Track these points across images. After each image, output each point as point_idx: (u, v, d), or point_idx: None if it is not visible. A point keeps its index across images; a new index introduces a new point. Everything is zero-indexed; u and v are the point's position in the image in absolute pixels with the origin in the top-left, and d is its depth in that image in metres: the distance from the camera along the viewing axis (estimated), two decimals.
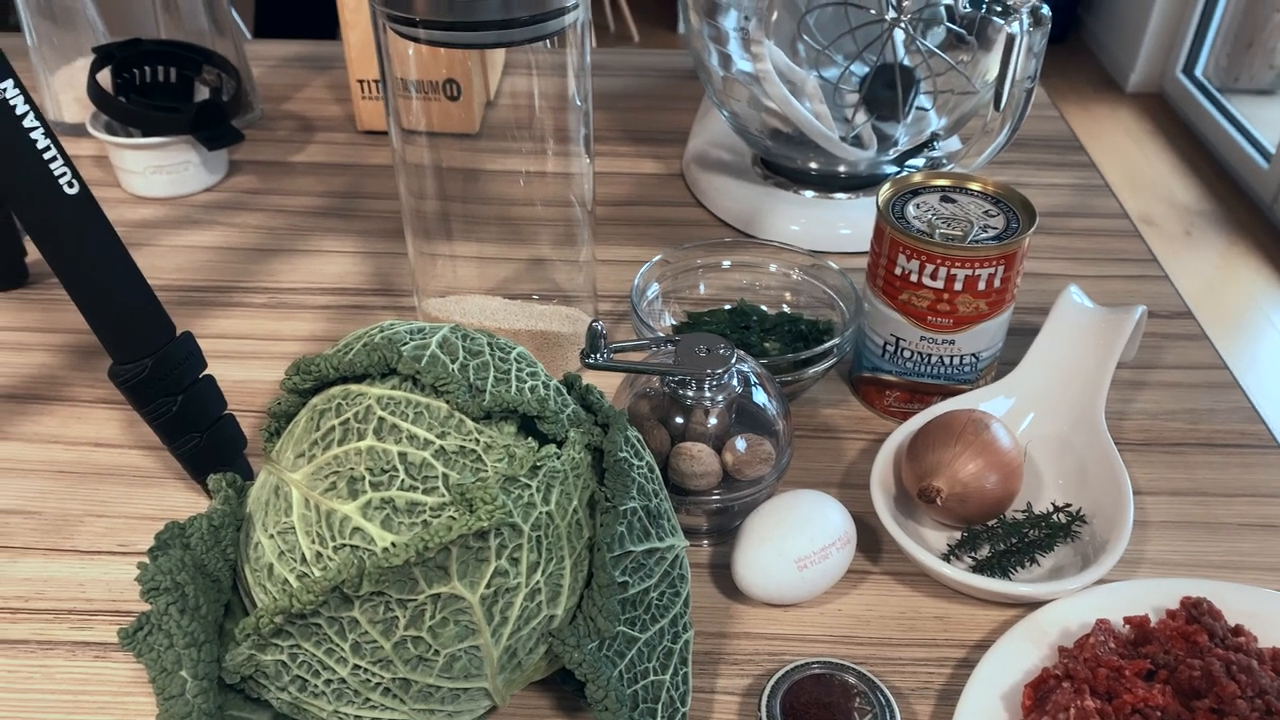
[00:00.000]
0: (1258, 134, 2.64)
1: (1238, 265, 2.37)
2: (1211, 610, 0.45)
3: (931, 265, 0.55)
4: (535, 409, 0.41)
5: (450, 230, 0.66)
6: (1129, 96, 3.07)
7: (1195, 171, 2.73)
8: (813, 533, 0.48)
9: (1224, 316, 2.34)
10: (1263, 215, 2.51)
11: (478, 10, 0.50)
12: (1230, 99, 2.84)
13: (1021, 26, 0.61)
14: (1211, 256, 2.40)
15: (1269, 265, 2.37)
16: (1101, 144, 2.90)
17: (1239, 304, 2.23)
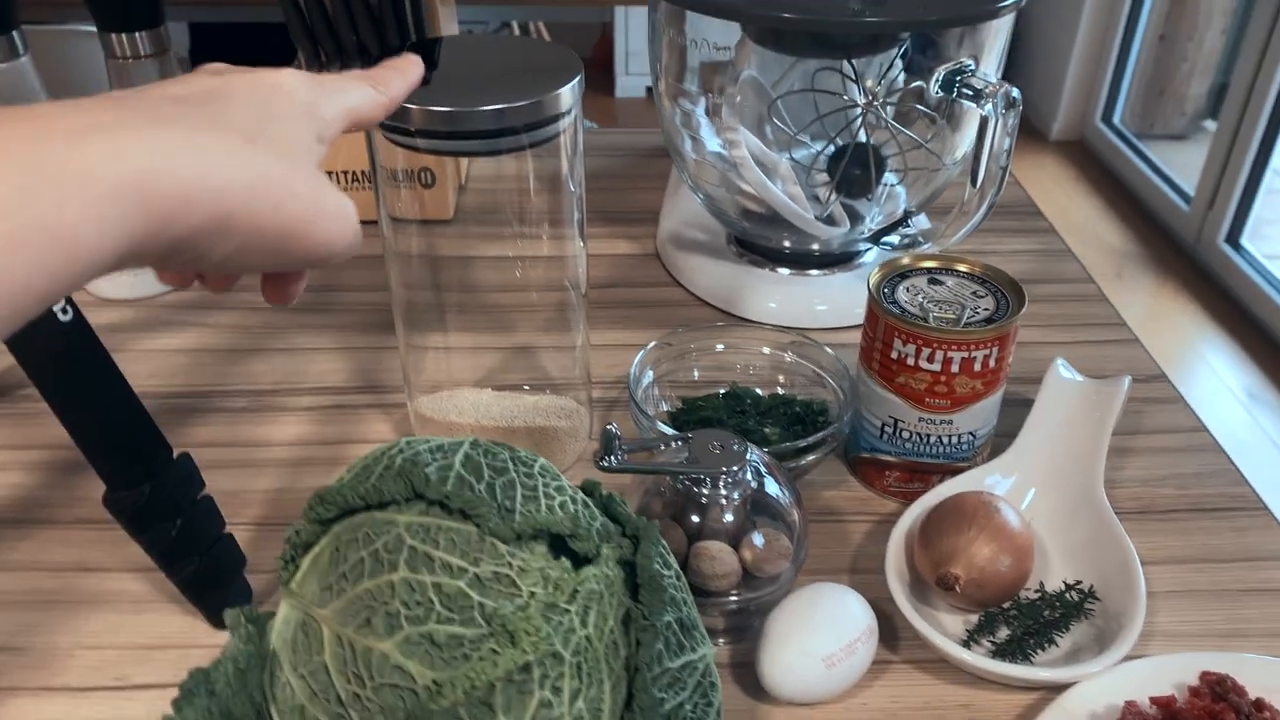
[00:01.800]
0: (1175, 178, 2.76)
1: (1168, 305, 2.46)
2: (1235, 687, 0.46)
3: (928, 349, 0.56)
4: (568, 528, 0.40)
5: (438, 321, 0.65)
6: (1053, 144, 3.19)
7: (1121, 215, 2.84)
8: (838, 629, 0.48)
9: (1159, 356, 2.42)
10: (1187, 256, 2.62)
11: (473, 121, 0.50)
12: (1147, 144, 2.97)
13: (996, 110, 0.63)
14: (1143, 297, 2.48)
15: (1197, 304, 2.46)
16: (1031, 191, 3.00)
17: (1173, 343, 2.31)
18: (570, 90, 0.53)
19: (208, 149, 0.29)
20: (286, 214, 0.31)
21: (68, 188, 0.25)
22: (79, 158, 0.25)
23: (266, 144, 0.31)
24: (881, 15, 0.65)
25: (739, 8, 0.67)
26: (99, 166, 0.26)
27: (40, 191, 0.24)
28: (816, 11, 0.66)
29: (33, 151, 0.25)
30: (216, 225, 0.29)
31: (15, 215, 0.24)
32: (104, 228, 0.26)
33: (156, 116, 0.28)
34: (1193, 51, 3.01)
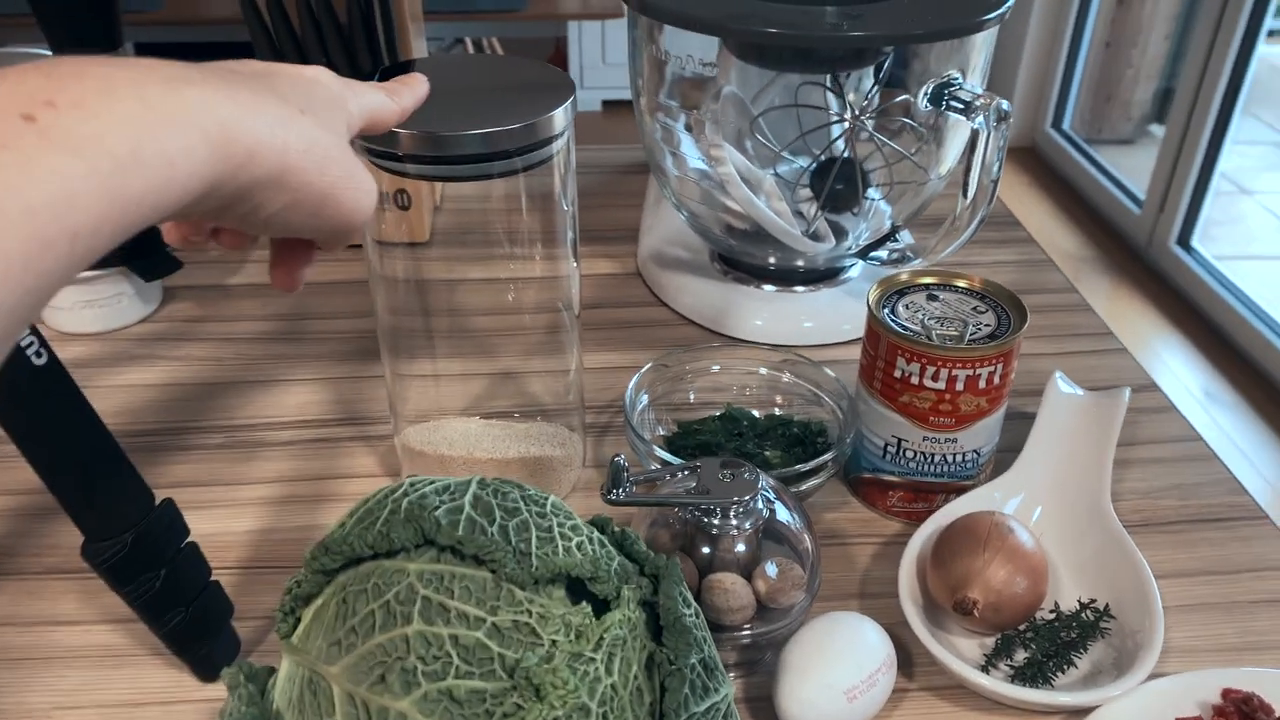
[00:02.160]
0: (1126, 181, 2.81)
1: (1124, 308, 2.50)
2: (1263, 705, 0.45)
3: (933, 367, 0.55)
4: (588, 570, 0.38)
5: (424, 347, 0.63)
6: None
7: (1074, 220, 2.88)
8: (857, 660, 0.47)
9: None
10: (1141, 259, 2.66)
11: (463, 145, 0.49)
12: (1097, 149, 3.02)
13: (987, 123, 0.62)
14: (1100, 301, 2.52)
15: (1152, 306, 2.50)
16: None
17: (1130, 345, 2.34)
18: (564, 111, 0.51)
19: (271, 112, 0.32)
20: (330, 177, 0.35)
21: (175, 123, 0.28)
22: (179, 100, 0.29)
23: (314, 117, 0.35)
24: (861, 29, 0.64)
25: (721, 23, 0.66)
26: (195, 110, 0.29)
27: (153, 121, 0.28)
28: (798, 26, 0.65)
29: (141, 92, 0.28)
30: (275, 178, 0.32)
31: (137, 139, 0.27)
32: (195, 163, 0.29)
33: (228, 81, 0.31)
34: (1137, 57, 3.07)
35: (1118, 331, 0.81)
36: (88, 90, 0.27)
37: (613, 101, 3.42)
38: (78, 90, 0.27)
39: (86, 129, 0.26)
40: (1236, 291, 2.36)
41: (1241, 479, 0.64)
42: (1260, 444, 2.06)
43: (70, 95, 0.26)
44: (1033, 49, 3.09)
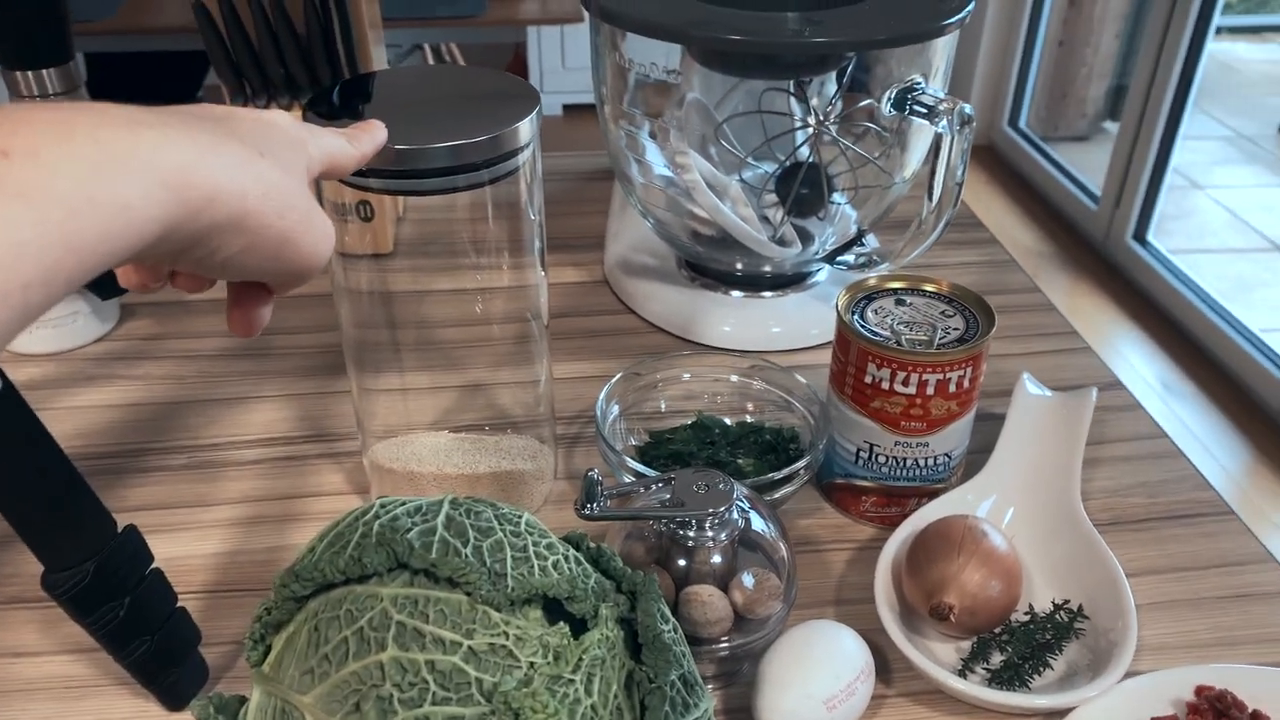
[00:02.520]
0: (1082, 178, 2.85)
1: (1083, 303, 2.54)
2: (1236, 702, 0.46)
3: (903, 372, 0.55)
4: (565, 590, 0.38)
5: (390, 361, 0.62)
6: None
7: (1033, 217, 2.92)
8: (836, 669, 0.47)
9: None
10: (1098, 254, 2.70)
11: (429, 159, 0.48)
12: (1053, 146, 3.07)
13: (951, 126, 0.62)
14: (1059, 296, 2.55)
15: (1110, 300, 2.54)
16: None
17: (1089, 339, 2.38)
18: (529, 122, 0.51)
19: (231, 154, 0.32)
20: (288, 221, 0.34)
21: (131, 166, 0.28)
22: (136, 142, 0.29)
23: (273, 160, 0.35)
24: (824, 35, 0.64)
25: (683, 29, 0.66)
26: (152, 153, 0.29)
27: (111, 167, 0.28)
28: (761, 32, 0.65)
29: (96, 135, 0.28)
30: (234, 222, 0.32)
31: (91, 184, 0.27)
32: (151, 206, 0.29)
33: (186, 123, 0.31)
34: (1090, 56, 3.11)
35: (1077, 326, 0.81)
36: (42, 136, 0.27)
37: (574, 106, 3.42)
38: (31, 137, 0.27)
39: (39, 176, 0.26)
40: (1191, 285, 2.40)
41: (1203, 470, 0.65)
42: (1219, 435, 2.09)
43: (24, 141, 0.26)
44: (988, 49, 3.12)
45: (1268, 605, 0.55)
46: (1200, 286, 2.39)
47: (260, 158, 0.34)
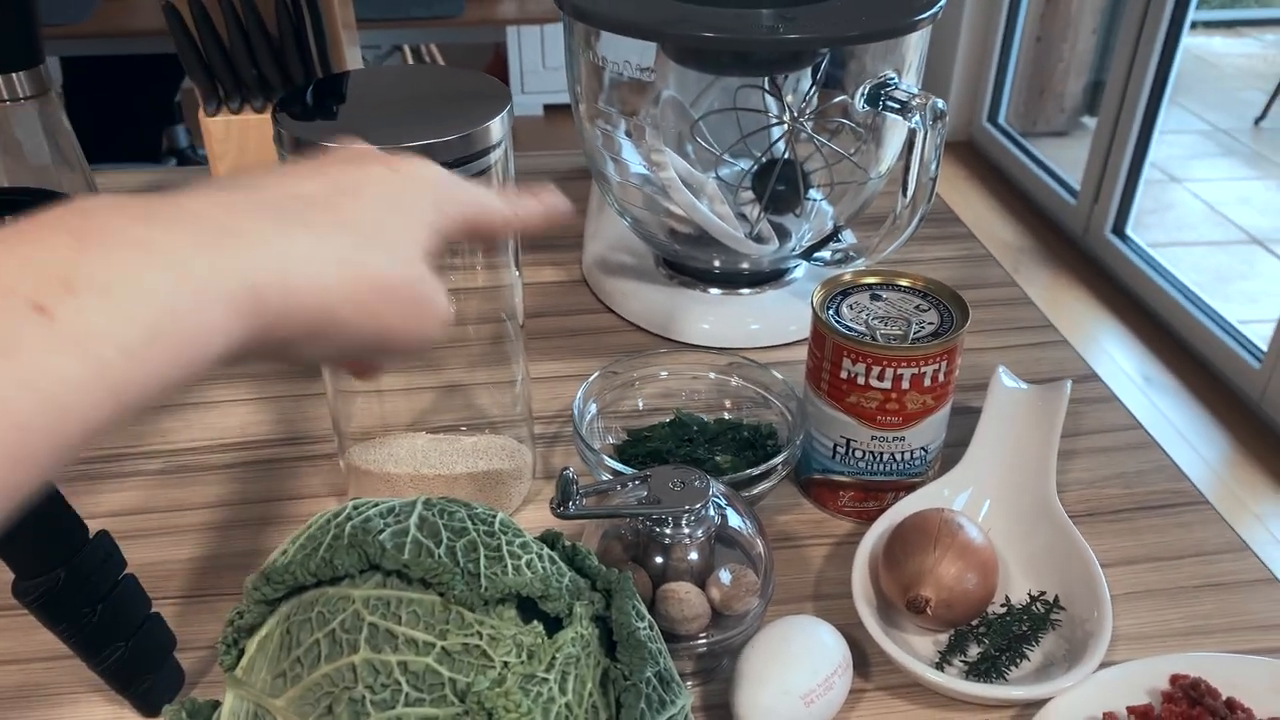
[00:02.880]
0: (1061, 173, 2.87)
1: (1064, 297, 2.55)
2: (1209, 690, 0.46)
3: (878, 367, 0.55)
4: (539, 589, 0.38)
5: None
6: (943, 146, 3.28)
7: (1013, 212, 2.94)
8: (813, 664, 0.47)
9: None
10: (1078, 248, 2.72)
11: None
12: (1032, 142, 3.08)
13: (924, 122, 0.63)
14: (1040, 291, 2.57)
15: (1091, 294, 2.56)
16: None
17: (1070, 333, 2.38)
18: (500, 120, 0.51)
19: (322, 260, 0.30)
20: (384, 319, 0.32)
21: (203, 293, 0.26)
22: (215, 263, 0.27)
23: (381, 246, 0.32)
24: (798, 31, 0.64)
25: (657, 27, 0.66)
26: (230, 275, 0.27)
27: (180, 297, 0.26)
28: (735, 30, 0.65)
29: (174, 258, 0.26)
30: (317, 331, 0.30)
31: (158, 323, 0.25)
32: (217, 336, 0.27)
33: (285, 222, 0.30)
34: (1067, 51, 3.13)
35: (1057, 320, 0.82)
36: (115, 264, 0.25)
37: (554, 106, 3.41)
38: (104, 266, 0.25)
39: (101, 320, 0.24)
40: (1170, 278, 2.42)
41: (1182, 461, 0.66)
42: (1199, 426, 2.11)
43: (93, 273, 0.24)
44: (967, 45, 3.14)
45: (1241, 594, 0.56)
46: (1179, 279, 2.41)
47: (362, 248, 0.31)
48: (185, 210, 0.28)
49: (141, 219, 0.26)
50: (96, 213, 0.26)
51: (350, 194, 0.32)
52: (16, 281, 0.24)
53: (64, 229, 0.25)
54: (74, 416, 0.24)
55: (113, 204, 0.27)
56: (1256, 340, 2.16)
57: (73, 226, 0.25)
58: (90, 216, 0.26)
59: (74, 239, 0.25)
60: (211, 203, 0.29)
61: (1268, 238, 2.75)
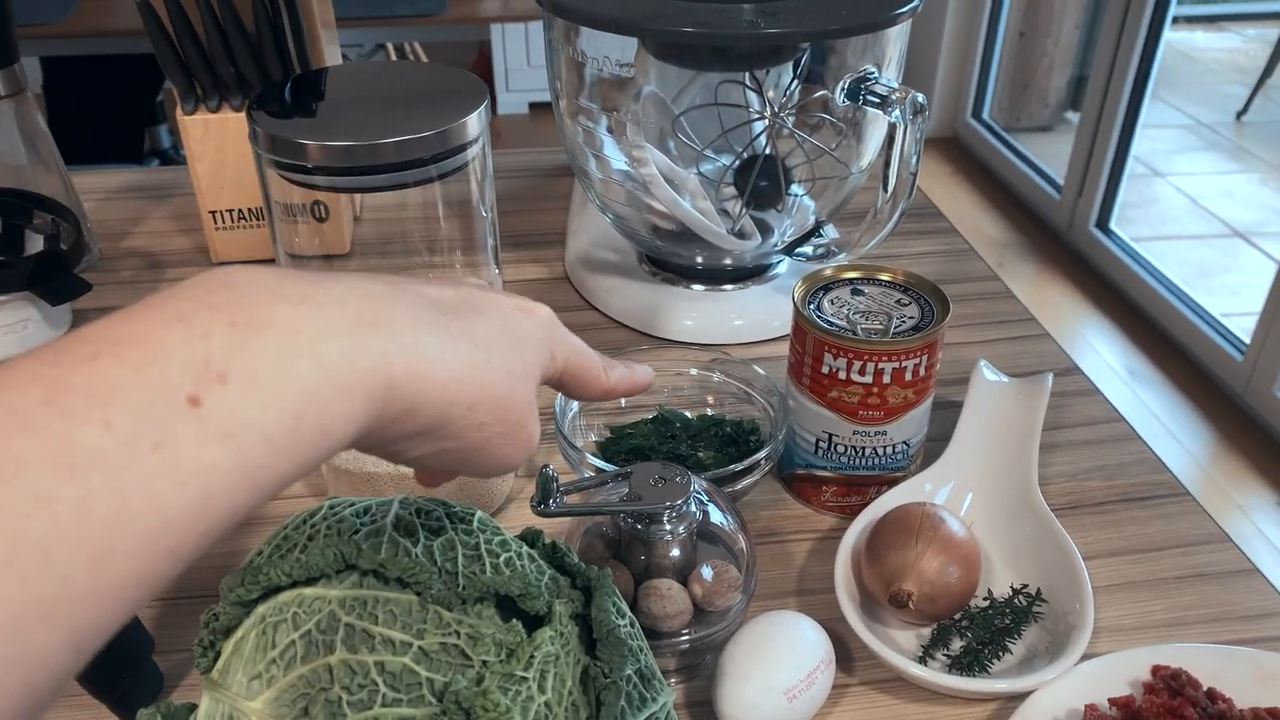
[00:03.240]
0: (1045, 168, 2.88)
1: (1049, 291, 2.56)
2: (1190, 681, 0.46)
3: (859, 361, 0.55)
4: (518, 587, 0.37)
5: None
6: (928, 142, 3.29)
7: (997, 207, 2.95)
8: (796, 659, 0.47)
9: None
10: (1062, 242, 2.73)
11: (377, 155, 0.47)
12: (1016, 137, 3.09)
13: (904, 116, 0.62)
14: (1025, 285, 2.58)
15: (1075, 288, 2.57)
16: None
17: (1056, 327, 2.40)
18: (477, 116, 0.50)
19: (450, 362, 0.30)
20: (487, 433, 0.32)
21: (344, 387, 0.27)
22: (356, 359, 0.27)
23: (500, 364, 0.32)
24: (778, 26, 0.64)
25: (637, 23, 0.66)
26: (370, 371, 0.28)
27: (323, 390, 0.26)
28: (714, 25, 0.65)
29: (321, 348, 0.27)
30: (429, 430, 0.31)
31: (300, 414, 0.26)
32: (351, 428, 0.28)
33: (418, 319, 0.30)
34: (1051, 47, 3.15)
35: (1042, 314, 0.82)
36: (265, 354, 0.25)
37: (540, 104, 3.41)
38: (256, 354, 0.25)
39: (251, 412, 0.25)
40: (1154, 271, 2.43)
41: (1167, 454, 0.66)
42: (1184, 419, 2.12)
43: (246, 363, 0.25)
44: (950, 41, 3.14)
45: (1222, 585, 0.56)
46: (1162, 273, 2.42)
47: (485, 365, 0.32)
48: (330, 295, 0.28)
49: (291, 300, 0.27)
50: (247, 291, 0.26)
51: (478, 310, 0.33)
52: (176, 373, 0.24)
53: (219, 309, 0.25)
54: (217, 507, 0.24)
55: (262, 283, 0.27)
56: (1239, 333, 2.17)
57: (227, 307, 0.26)
58: (241, 296, 0.26)
59: (228, 324, 0.25)
60: (351, 289, 0.29)
61: (1250, 231, 2.77)
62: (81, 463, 0.22)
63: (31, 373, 0.23)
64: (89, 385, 0.23)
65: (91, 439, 0.22)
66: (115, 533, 0.23)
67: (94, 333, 0.25)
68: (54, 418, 0.22)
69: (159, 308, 0.25)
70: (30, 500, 0.21)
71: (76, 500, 0.22)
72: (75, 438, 0.22)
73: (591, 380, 0.39)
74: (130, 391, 0.23)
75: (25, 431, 0.22)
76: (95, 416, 0.23)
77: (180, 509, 0.24)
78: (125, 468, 0.23)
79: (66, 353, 0.24)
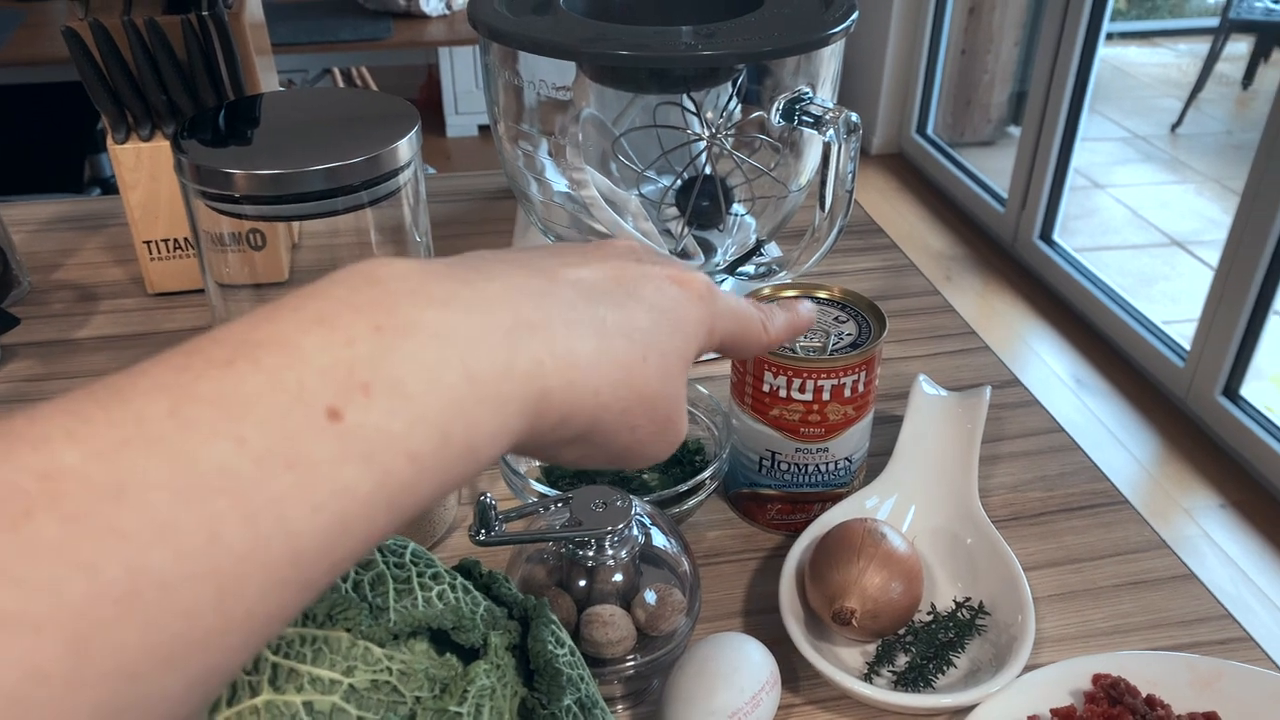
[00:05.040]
0: (989, 182, 2.93)
1: (995, 302, 2.60)
2: (1129, 688, 0.47)
3: (799, 379, 0.55)
4: (450, 620, 0.37)
5: None
6: (874, 158, 3.33)
7: (943, 221, 2.99)
8: (740, 682, 0.46)
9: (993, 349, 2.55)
10: (1008, 254, 2.77)
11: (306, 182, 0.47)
12: (960, 152, 3.15)
13: (838, 136, 0.63)
14: (972, 298, 2.61)
15: (1021, 299, 2.61)
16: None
17: (1004, 338, 2.44)
18: (408, 142, 0.50)
19: (605, 367, 0.28)
20: (638, 435, 0.31)
21: (495, 399, 0.25)
22: (513, 364, 0.25)
23: (656, 362, 0.30)
24: (715, 48, 0.64)
25: (573, 47, 0.66)
26: (524, 379, 0.26)
27: (472, 402, 0.24)
28: (651, 47, 0.65)
29: (472, 355, 0.24)
30: (579, 436, 0.29)
31: (447, 429, 0.23)
32: (502, 440, 0.26)
33: (574, 318, 0.28)
34: (991, 63, 3.21)
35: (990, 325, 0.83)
36: (413, 363, 0.23)
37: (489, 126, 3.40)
38: (402, 362, 0.23)
39: (396, 425, 0.22)
40: (1097, 281, 2.48)
41: (1114, 460, 0.67)
42: (1130, 425, 2.16)
43: (392, 371, 0.23)
44: (894, 59, 3.20)
45: (1160, 591, 0.57)
46: (1105, 282, 2.47)
47: (642, 364, 0.29)
48: (481, 296, 0.26)
49: (440, 301, 0.25)
50: (394, 289, 0.24)
51: (633, 293, 0.30)
52: (315, 382, 0.22)
53: (363, 311, 0.23)
54: (354, 534, 0.22)
55: (411, 276, 0.25)
56: (1180, 339, 2.22)
57: (371, 308, 0.23)
58: (387, 293, 0.24)
59: (372, 327, 0.23)
60: (505, 285, 0.27)
61: (1187, 240, 2.84)
62: (210, 485, 0.20)
63: (160, 378, 0.21)
64: (219, 395, 0.21)
65: (220, 457, 0.20)
66: (245, 563, 0.20)
67: (230, 334, 0.23)
68: (180, 432, 0.20)
69: (299, 307, 0.23)
70: (154, 529, 0.19)
71: (203, 528, 0.20)
72: (202, 455, 0.20)
73: (753, 341, 0.36)
74: (263, 403, 0.21)
75: (150, 448, 0.20)
76: (225, 431, 0.21)
77: (314, 535, 0.21)
78: (256, 489, 0.20)
79: (198, 355, 0.22)
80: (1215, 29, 3.53)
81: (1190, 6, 4.39)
